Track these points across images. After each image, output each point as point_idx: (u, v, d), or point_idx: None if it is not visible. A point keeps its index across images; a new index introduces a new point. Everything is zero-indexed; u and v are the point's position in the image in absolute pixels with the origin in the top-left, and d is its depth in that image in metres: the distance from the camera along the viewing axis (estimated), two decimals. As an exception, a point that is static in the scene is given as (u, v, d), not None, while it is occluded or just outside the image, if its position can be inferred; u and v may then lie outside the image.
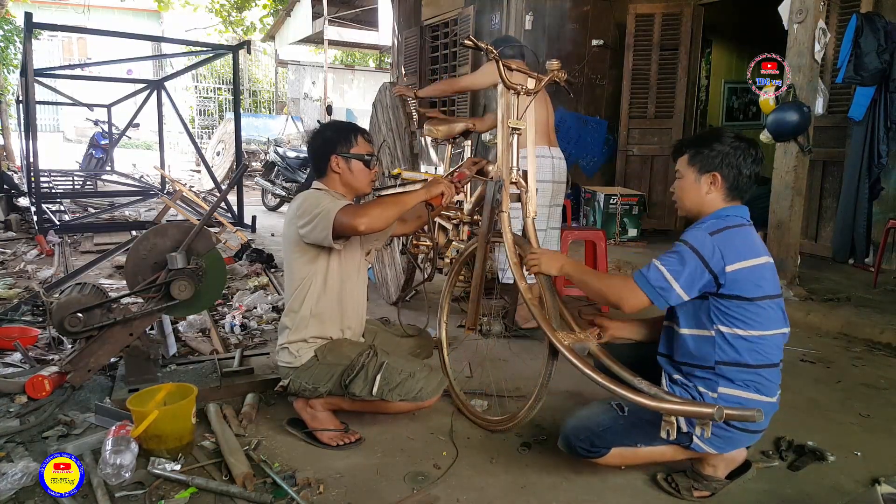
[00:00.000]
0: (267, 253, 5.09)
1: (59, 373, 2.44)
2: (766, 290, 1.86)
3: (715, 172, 1.90)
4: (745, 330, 1.83)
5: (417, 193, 2.31)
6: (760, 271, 1.85)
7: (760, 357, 1.85)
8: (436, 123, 3.64)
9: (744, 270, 1.81)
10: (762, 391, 1.86)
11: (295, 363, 2.26)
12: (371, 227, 2.13)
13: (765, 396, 1.86)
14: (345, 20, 13.33)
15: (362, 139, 2.35)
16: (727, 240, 1.82)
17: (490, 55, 2.33)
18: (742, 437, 1.88)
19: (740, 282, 1.81)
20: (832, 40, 4.62)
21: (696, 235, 1.84)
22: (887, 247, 4.49)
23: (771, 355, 1.88)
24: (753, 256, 1.84)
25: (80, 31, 6.93)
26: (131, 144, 16.46)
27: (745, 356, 1.84)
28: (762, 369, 1.86)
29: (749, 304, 1.83)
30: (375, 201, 2.24)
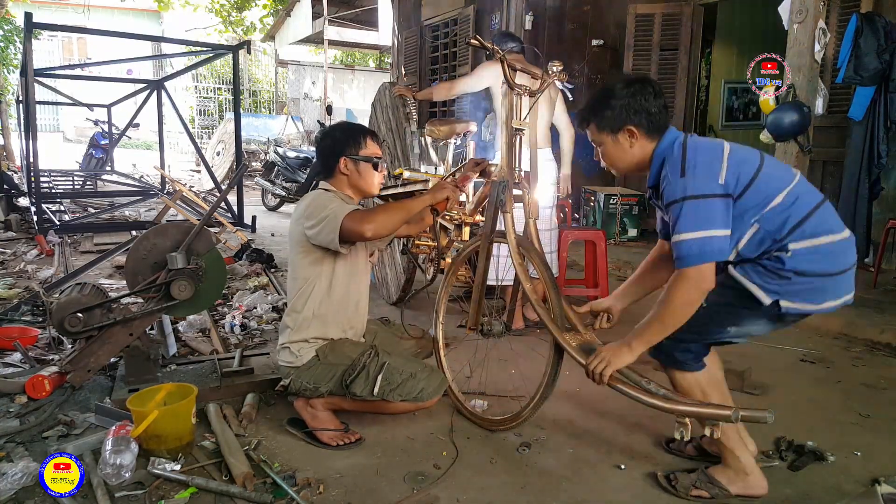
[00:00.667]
0: (267, 253, 5.09)
1: (59, 373, 2.44)
2: (774, 176, 1.80)
3: (627, 126, 1.87)
4: (775, 200, 1.76)
5: (423, 199, 2.32)
6: (741, 162, 1.79)
7: (805, 203, 1.77)
8: (437, 124, 3.64)
9: (735, 173, 1.77)
10: (833, 230, 1.78)
11: (296, 363, 2.26)
12: (377, 233, 2.14)
13: (837, 234, 1.78)
14: (345, 20, 13.34)
15: (371, 141, 2.36)
16: (698, 163, 1.77)
17: (496, 55, 2.33)
18: (828, 284, 1.77)
19: (746, 183, 1.77)
20: (832, 40, 4.62)
21: (674, 188, 1.78)
22: (887, 247, 4.49)
23: (814, 196, 1.81)
24: (720, 156, 1.78)
25: (80, 31, 6.93)
26: (131, 144, 16.46)
27: (791, 216, 1.75)
28: (816, 210, 1.77)
29: (764, 185, 1.78)
30: (382, 207, 2.24)
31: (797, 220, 1.75)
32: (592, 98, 1.98)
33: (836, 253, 1.78)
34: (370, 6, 12.48)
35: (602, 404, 2.57)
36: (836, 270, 1.77)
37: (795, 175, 1.84)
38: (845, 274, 1.80)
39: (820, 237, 1.75)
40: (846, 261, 1.79)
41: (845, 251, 1.79)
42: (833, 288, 1.78)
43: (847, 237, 1.81)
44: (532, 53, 3.59)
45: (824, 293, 1.78)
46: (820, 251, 1.75)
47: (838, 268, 1.77)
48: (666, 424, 2.35)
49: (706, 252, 1.73)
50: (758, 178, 1.77)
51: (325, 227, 2.15)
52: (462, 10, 7.72)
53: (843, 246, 1.79)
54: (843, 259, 1.79)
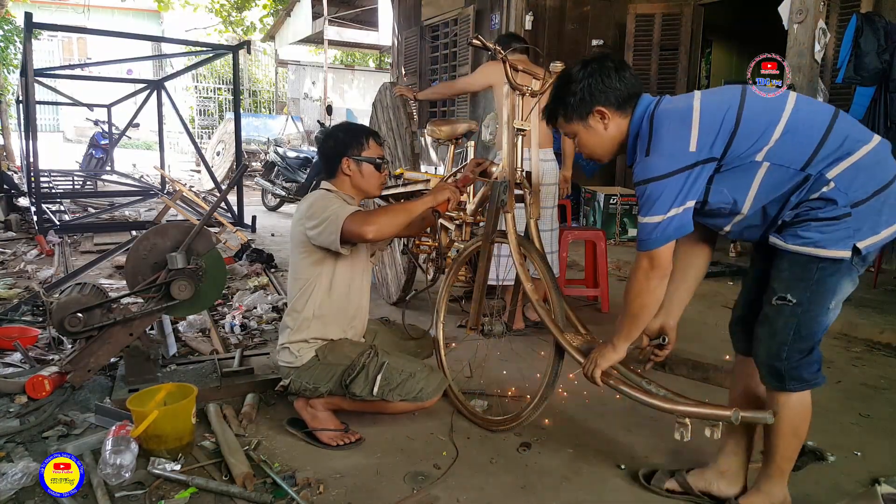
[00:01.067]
0: (267, 253, 5.09)
1: (59, 373, 2.44)
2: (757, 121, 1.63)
3: (595, 108, 1.78)
4: (776, 132, 1.59)
5: (424, 200, 2.32)
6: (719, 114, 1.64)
7: (816, 123, 1.59)
8: (438, 124, 3.64)
9: (710, 131, 1.62)
10: (863, 138, 1.59)
11: (296, 363, 2.26)
12: (379, 235, 2.14)
13: (869, 142, 1.58)
14: (345, 20, 13.34)
15: (374, 143, 2.37)
16: (663, 136, 1.66)
17: (498, 55, 2.33)
18: (891, 197, 1.56)
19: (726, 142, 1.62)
20: (832, 40, 4.62)
21: (639, 170, 1.69)
22: (887, 247, 4.48)
23: (824, 111, 1.64)
24: (689, 119, 1.64)
25: (80, 31, 6.93)
26: (131, 144, 16.47)
27: (804, 139, 1.58)
28: (833, 125, 1.59)
29: (754, 123, 1.62)
30: (383, 209, 2.25)
31: (815, 142, 1.57)
32: (553, 90, 1.90)
33: (880, 160, 1.58)
34: (370, 6, 12.48)
35: (602, 404, 2.57)
36: (888, 179, 1.57)
37: (788, 98, 1.65)
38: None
39: (854, 153, 1.56)
40: (892, 165, 1.59)
41: (887, 156, 1.59)
42: (895, 199, 1.58)
43: (881, 142, 1.61)
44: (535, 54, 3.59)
45: (888, 211, 1.57)
46: (862, 166, 1.55)
47: (890, 175, 1.57)
48: (666, 425, 2.36)
49: (665, 235, 1.66)
50: (742, 121, 1.62)
51: (327, 229, 2.15)
52: (462, 10, 7.72)
53: (883, 151, 1.60)
54: (888, 164, 1.58)
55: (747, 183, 1.63)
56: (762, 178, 1.61)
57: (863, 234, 1.55)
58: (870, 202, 1.55)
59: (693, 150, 1.62)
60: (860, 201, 1.54)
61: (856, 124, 1.63)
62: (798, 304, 1.61)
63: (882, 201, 1.56)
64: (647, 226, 1.67)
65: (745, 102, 1.65)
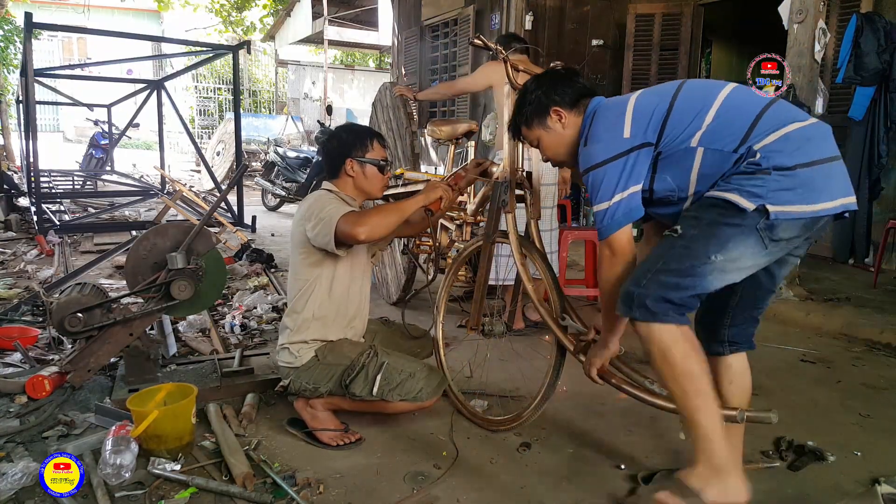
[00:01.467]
0: (267, 253, 5.09)
1: (59, 373, 2.44)
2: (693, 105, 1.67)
3: (551, 108, 1.87)
4: (706, 118, 1.62)
5: (416, 200, 2.30)
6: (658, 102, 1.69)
7: (747, 109, 1.61)
8: (439, 124, 3.65)
9: (643, 118, 1.68)
10: (796, 118, 1.59)
11: (295, 363, 2.26)
12: (371, 235, 2.13)
13: (802, 121, 1.58)
14: (345, 20, 13.35)
15: (378, 144, 2.36)
16: (599, 128, 1.74)
17: (499, 55, 2.33)
18: (817, 176, 1.53)
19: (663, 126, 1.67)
20: (832, 40, 4.62)
21: (581, 160, 1.76)
22: (887, 247, 4.49)
23: (759, 99, 1.65)
24: (623, 110, 1.72)
25: (80, 31, 6.92)
26: (131, 144, 16.46)
27: (735, 124, 1.59)
28: (767, 109, 1.60)
29: (686, 109, 1.66)
30: (375, 209, 2.25)
31: (747, 125, 1.58)
32: (513, 106, 2.01)
33: (813, 138, 1.56)
34: (370, 6, 12.48)
35: (602, 404, 2.57)
36: (819, 157, 1.54)
37: (725, 87, 1.68)
38: (833, 165, 1.56)
39: (784, 127, 1.56)
40: (827, 148, 1.57)
41: (823, 137, 1.58)
42: (824, 182, 1.53)
43: (817, 123, 1.60)
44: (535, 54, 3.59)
45: (814, 189, 1.52)
46: (791, 138, 1.54)
47: (822, 154, 1.55)
48: (666, 425, 2.36)
49: (615, 221, 1.69)
50: (675, 108, 1.66)
51: (322, 230, 2.15)
52: (462, 10, 7.72)
53: (818, 131, 1.58)
54: (822, 145, 1.56)
55: (687, 168, 1.65)
56: (699, 162, 1.63)
57: (776, 198, 1.51)
58: (793, 172, 1.52)
59: (627, 137, 1.68)
60: (783, 167, 1.52)
61: (793, 110, 1.63)
62: (681, 236, 1.60)
63: (818, 175, 1.53)
64: (598, 214, 1.73)
65: (680, 92, 1.70)
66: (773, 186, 1.51)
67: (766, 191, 1.51)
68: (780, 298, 4.06)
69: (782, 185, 1.51)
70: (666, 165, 1.68)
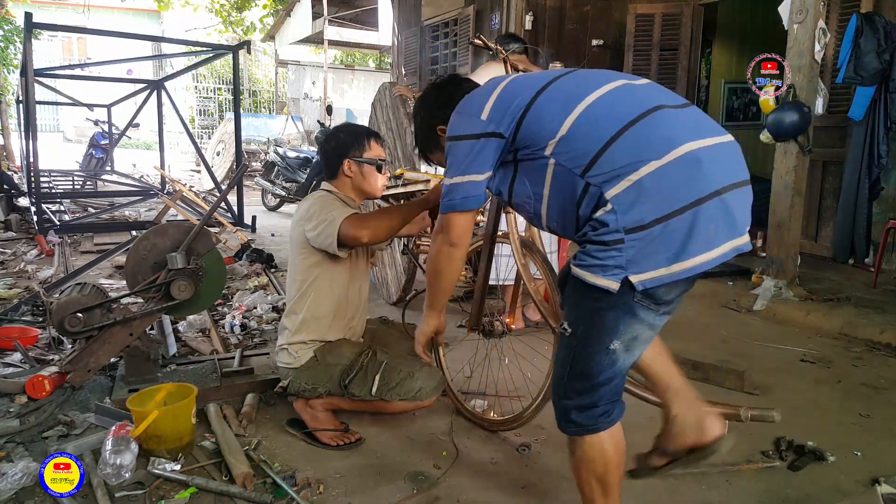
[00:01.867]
0: (267, 253, 5.09)
1: (59, 373, 2.44)
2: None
3: (437, 131, 1.78)
4: (563, 127, 1.40)
5: (420, 203, 2.32)
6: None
7: (608, 124, 1.35)
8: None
9: (503, 106, 1.51)
10: (653, 154, 1.30)
11: (294, 364, 2.26)
12: (374, 238, 2.15)
13: (664, 156, 1.30)
14: (345, 20, 13.35)
15: (376, 143, 2.36)
16: (464, 104, 1.61)
17: (499, 55, 2.33)
18: (677, 229, 1.28)
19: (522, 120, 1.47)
20: (832, 40, 4.63)
21: (450, 124, 1.63)
22: (887, 247, 4.49)
23: (629, 109, 1.37)
24: (491, 91, 1.56)
25: (80, 31, 6.93)
26: (131, 144, 16.47)
27: (591, 139, 1.36)
28: (631, 127, 1.34)
29: (543, 110, 1.46)
30: (379, 212, 2.25)
31: (600, 143, 1.33)
32: (416, 135, 1.93)
33: (675, 181, 1.29)
34: (370, 6, 12.49)
35: (602, 404, 2.56)
36: (694, 199, 1.28)
37: (604, 87, 1.43)
38: (713, 204, 1.28)
39: (644, 164, 1.29)
40: (695, 188, 1.28)
41: (691, 176, 1.29)
42: (701, 230, 1.28)
43: (686, 154, 1.29)
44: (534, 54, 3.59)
45: (687, 242, 1.28)
46: (644, 187, 1.29)
47: (700, 192, 1.28)
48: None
49: (455, 201, 1.57)
50: (536, 104, 1.46)
51: (324, 231, 2.15)
52: (462, 10, 7.72)
53: (682, 168, 1.29)
54: (687, 187, 1.28)
55: (541, 179, 1.46)
56: (551, 176, 1.43)
57: (639, 266, 1.29)
58: (651, 230, 1.28)
59: (483, 119, 1.52)
60: (638, 227, 1.28)
61: (672, 126, 1.35)
62: (573, 335, 1.42)
63: (675, 228, 1.28)
64: (444, 189, 1.62)
65: (552, 84, 1.49)
66: (631, 254, 1.29)
67: (624, 260, 1.30)
68: (780, 298, 4.06)
69: (642, 251, 1.29)
70: (526, 169, 1.50)
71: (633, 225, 1.29)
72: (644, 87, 1.47)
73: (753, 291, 4.19)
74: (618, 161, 1.32)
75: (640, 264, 1.30)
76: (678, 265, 1.29)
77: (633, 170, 1.30)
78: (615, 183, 1.31)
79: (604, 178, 1.33)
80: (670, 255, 1.29)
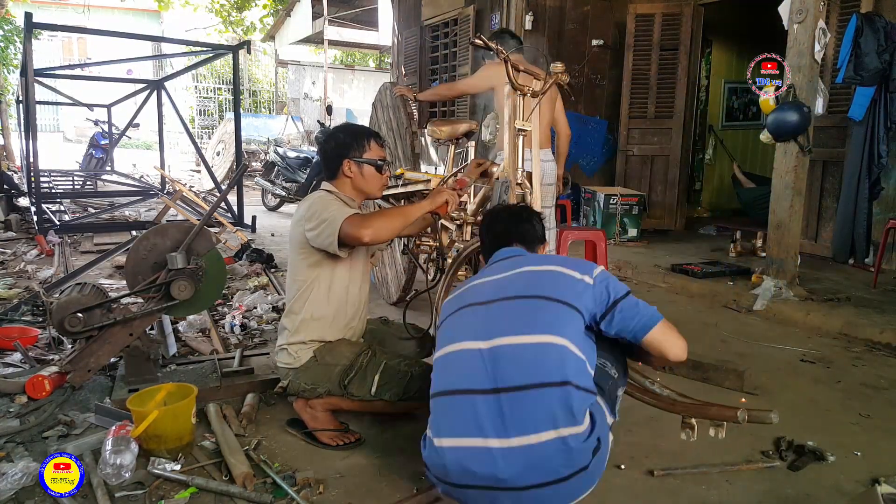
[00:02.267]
0: (267, 253, 5.08)
1: (59, 373, 2.44)
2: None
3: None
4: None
5: (422, 205, 2.32)
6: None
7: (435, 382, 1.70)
8: (439, 124, 3.65)
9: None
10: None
11: (294, 364, 2.26)
12: (375, 238, 2.14)
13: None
14: (345, 20, 13.34)
15: (376, 144, 2.35)
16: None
17: (500, 56, 2.33)
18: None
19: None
20: (832, 40, 4.62)
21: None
22: (887, 247, 4.49)
23: (447, 380, 1.67)
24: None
25: (80, 31, 6.93)
26: (131, 144, 16.46)
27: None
28: (436, 399, 1.68)
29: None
30: (380, 212, 2.25)
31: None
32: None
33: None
34: (370, 6, 12.48)
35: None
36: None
37: (447, 346, 1.67)
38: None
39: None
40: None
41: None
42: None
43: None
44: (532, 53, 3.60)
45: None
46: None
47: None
48: (666, 424, 2.35)
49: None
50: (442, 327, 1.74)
51: (324, 231, 2.15)
52: (462, 10, 7.72)
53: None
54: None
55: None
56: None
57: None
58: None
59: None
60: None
61: (455, 415, 1.58)
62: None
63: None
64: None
65: (450, 317, 1.76)
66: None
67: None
68: (780, 298, 4.06)
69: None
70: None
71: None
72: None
73: (753, 291, 4.19)
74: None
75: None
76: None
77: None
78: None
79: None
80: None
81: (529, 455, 1.43)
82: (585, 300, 1.59)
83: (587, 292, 1.60)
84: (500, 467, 1.44)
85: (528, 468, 1.43)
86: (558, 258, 1.72)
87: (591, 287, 1.60)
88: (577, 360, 1.52)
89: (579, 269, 1.64)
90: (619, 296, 1.62)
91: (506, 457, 1.44)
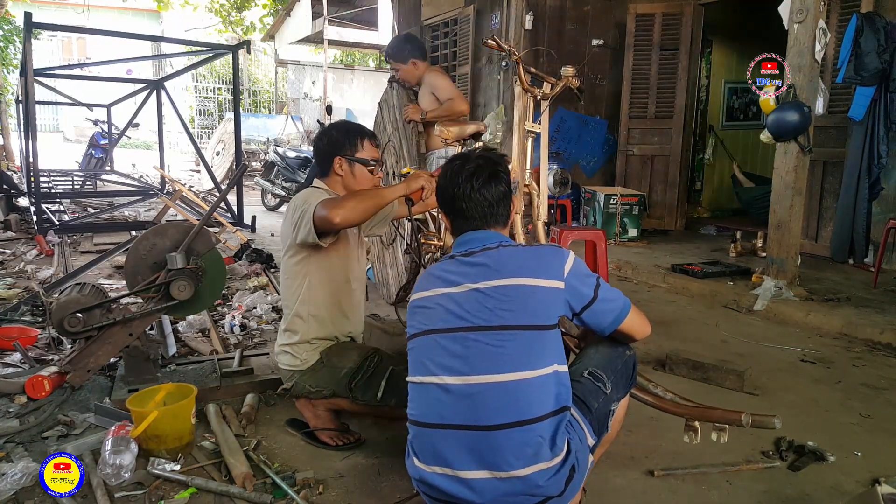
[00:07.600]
0: (267, 253, 5.07)
1: (58, 373, 2.43)
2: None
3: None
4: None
5: (396, 188, 2.24)
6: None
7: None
8: (447, 124, 3.64)
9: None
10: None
11: (300, 366, 2.25)
12: (346, 220, 2.05)
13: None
14: (345, 20, 13.34)
15: (369, 143, 2.33)
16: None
17: (512, 57, 2.33)
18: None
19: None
20: (832, 40, 4.62)
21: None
22: (887, 247, 4.49)
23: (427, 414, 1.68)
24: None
25: (80, 31, 6.94)
26: (131, 144, 16.46)
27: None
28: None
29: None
30: (352, 194, 2.18)
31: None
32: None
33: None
34: (370, 6, 12.48)
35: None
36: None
37: (420, 375, 1.64)
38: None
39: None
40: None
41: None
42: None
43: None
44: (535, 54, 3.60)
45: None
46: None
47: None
48: (666, 425, 2.35)
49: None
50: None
51: (301, 221, 2.11)
52: (462, 10, 7.72)
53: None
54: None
55: None
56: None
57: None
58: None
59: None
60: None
61: (439, 445, 1.62)
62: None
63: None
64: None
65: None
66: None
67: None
68: (780, 298, 4.07)
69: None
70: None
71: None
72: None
73: (754, 291, 4.19)
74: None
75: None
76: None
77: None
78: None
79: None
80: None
81: (500, 486, 1.46)
82: (558, 307, 1.56)
83: (559, 299, 1.55)
84: (476, 494, 1.48)
85: (502, 496, 1.47)
86: (526, 256, 1.60)
87: (562, 292, 1.55)
88: (556, 385, 1.51)
89: (548, 273, 1.56)
90: (590, 296, 1.59)
91: (480, 487, 1.48)
